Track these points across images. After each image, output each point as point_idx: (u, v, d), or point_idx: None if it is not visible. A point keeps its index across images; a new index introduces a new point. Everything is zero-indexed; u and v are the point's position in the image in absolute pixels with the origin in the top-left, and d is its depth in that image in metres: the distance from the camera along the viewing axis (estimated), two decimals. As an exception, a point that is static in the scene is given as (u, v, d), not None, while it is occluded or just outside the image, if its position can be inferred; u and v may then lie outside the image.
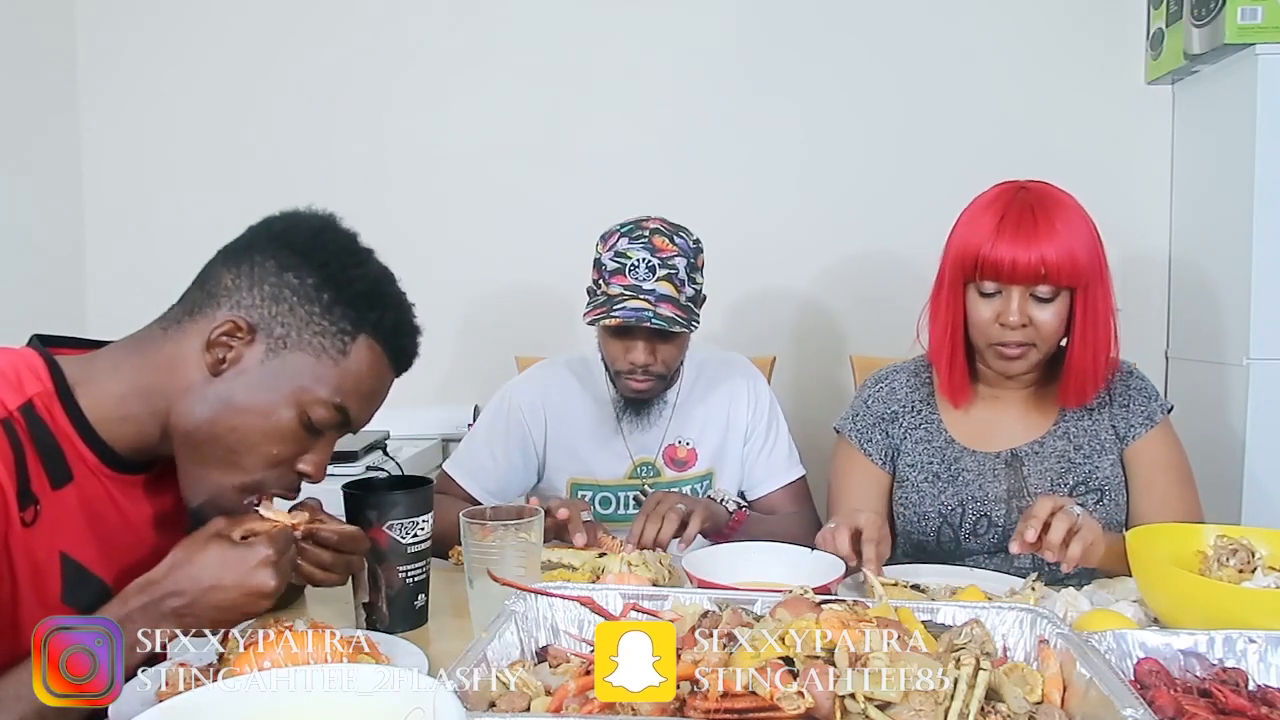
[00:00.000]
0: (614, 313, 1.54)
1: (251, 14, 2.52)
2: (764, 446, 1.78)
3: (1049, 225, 1.37)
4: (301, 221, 1.03)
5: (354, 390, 1.01)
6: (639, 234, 1.59)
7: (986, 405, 1.54)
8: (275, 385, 0.97)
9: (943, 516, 1.50)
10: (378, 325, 1.01)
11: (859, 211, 2.44)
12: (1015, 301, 1.38)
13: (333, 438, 1.04)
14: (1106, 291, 1.43)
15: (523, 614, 0.95)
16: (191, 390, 0.97)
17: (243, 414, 0.97)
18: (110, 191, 2.56)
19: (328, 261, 0.99)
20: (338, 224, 1.05)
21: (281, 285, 0.98)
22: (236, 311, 0.97)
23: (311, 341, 0.98)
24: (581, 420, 1.73)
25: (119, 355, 1.00)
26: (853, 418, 1.61)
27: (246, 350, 0.97)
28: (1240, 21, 2.03)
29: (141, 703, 0.81)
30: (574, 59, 2.48)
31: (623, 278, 1.56)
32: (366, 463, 2.11)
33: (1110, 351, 1.45)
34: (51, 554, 0.94)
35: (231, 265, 1.00)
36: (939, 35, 2.43)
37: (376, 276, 1.04)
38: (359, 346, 1.00)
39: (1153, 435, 1.50)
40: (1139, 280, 2.41)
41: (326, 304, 0.98)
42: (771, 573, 1.28)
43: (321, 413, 0.99)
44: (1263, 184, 2.03)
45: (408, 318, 1.06)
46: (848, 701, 0.75)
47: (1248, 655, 0.90)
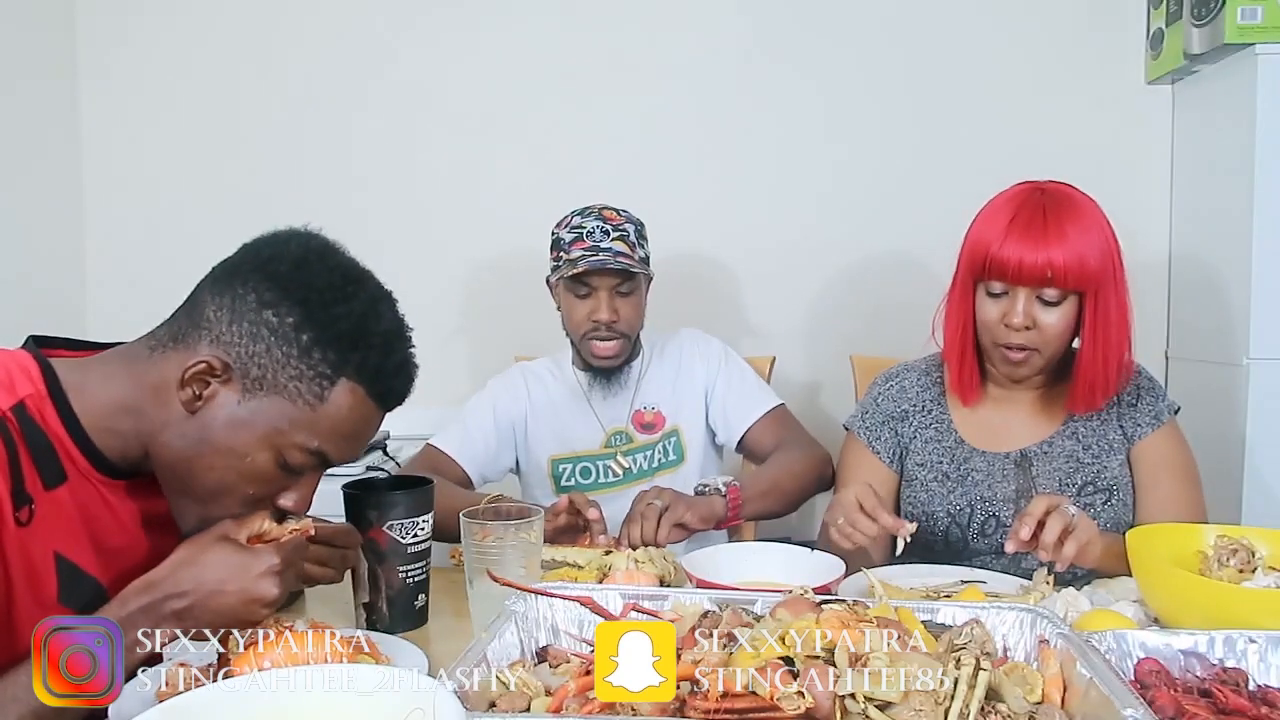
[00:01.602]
0: (577, 264, 1.68)
1: (251, 14, 2.52)
2: (729, 389, 1.85)
3: (1059, 228, 1.36)
4: (287, 250, 0.98)
5: (332, 434, 0.97)
6: (589, 211, 1.75)
7: (996, 406, 1.54)
8: (250, 427, 0.94)
9: (951, 516, 1.50)
10: (360, 368, 0.96)
11: (859, 211, 2.43)
12: (1021, 303, 1.37)
13: (315, 475, 1.02)
14: (1121, 298, 1.42)
15: (523, 614, 0.95)
16: (170, 424, 0.95)
17: (218, 455, 0.95)
18: (110, 192, 2.56)
19: (309, 298, 0.95)
20: (328, 252, 1.00)
21: (260, 324, 0.94)
22: (215, 349, 0.94)
23: (288, 386, 0.94)
24: (557, 403, 1.85)
25: (111, 366, 0.99)
26: (862, 415, 1.61)
27: (223, 389, 0.95)
28: (1240, 21, 2.03)
29: (141, 703, 0.81)
30: (577, 60, 2.48)
31: (581, 243, 1.71)
32: (366, 463, 2.10)
33: (1123, 358, 1.44)
34: (46, 554, 0.93)
35: (216, 295, 0.97)
36: (939, 36, 2.43)
37: (363, 313, 0.98)
38: (339, 390, 0.96)
39: (1159, 435, 1.49)
40: (1139, 280, 2.36)
41: (305, 346, 0.94)
42: (771, 573, 1.29)
43: (298, 456, 0.97)
44: (1263, 184, 2.02)
45: (396, 357, 1.01)
46: (848, 701, 0.75)
47: (1248, 655, 0.90)
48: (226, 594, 0.91)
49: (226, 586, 0.91)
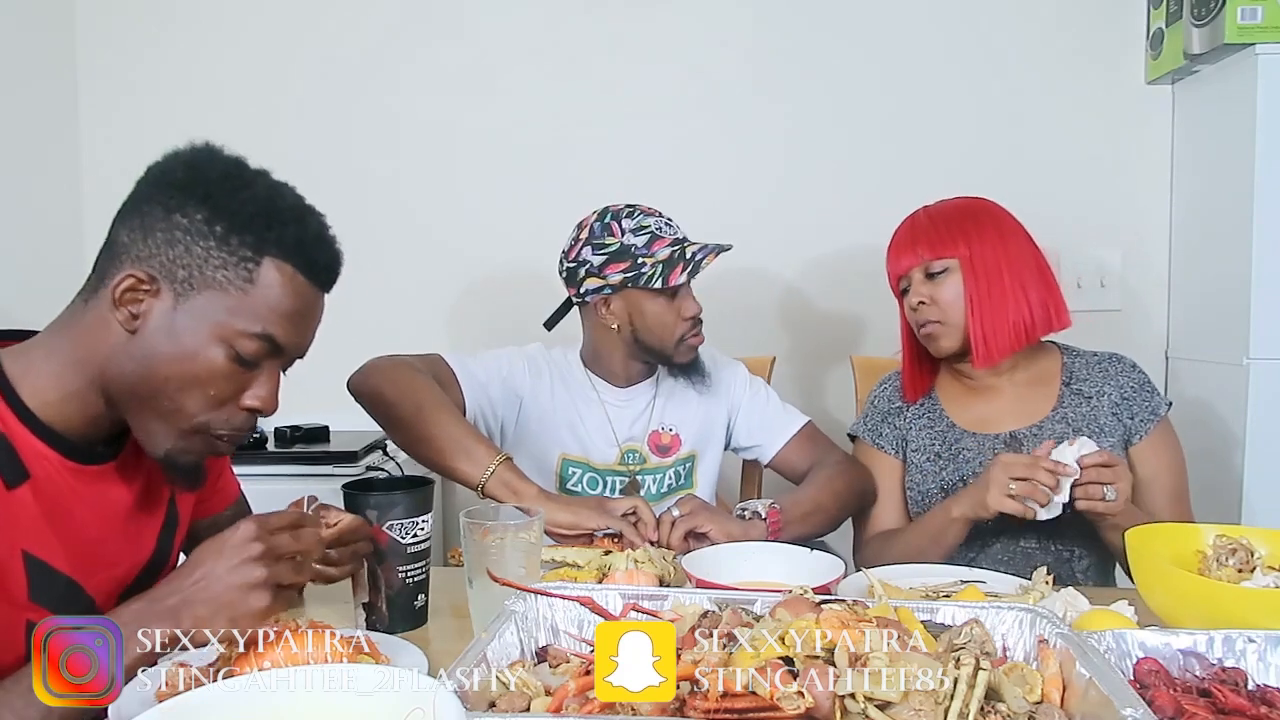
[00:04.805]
0: (695, 260, 1.61)
1: (251, 15, 2.52)
2: (754, 409, 1.81)
3: (926, 217, 1.59)
4: (178, 158, 1.00)
5: (274, 315, 0.98)
6: (628, 211, 1.66)
7: (984, 396, 1.63)
8: (194, 328, 0.95)
9: (945, 492, 1.58)
10: (280, 243, 0.98)
11: (859, 211, 2.43)
12: (914, 284, 1.57)
13: (274, 367, 1.02)
14: (1009, 255, 1.53)
15: (523, 614, 0.95)
16: (117, 351, 0.96)
17: (171, 363, 0.95)
18: (110, 192, 2.53)
19: (210, 192, 0.97)
20: (216, 151, 1.02)
21: (172, 228, 0.96)
22: (136, 265, 0.96)
23: (215, 276, 0.96)
24: (576, 400, 1.75)
25: (50, 338, 1.00)
26: (863, 419, 1.73)
27: (155, 301, 0.96)
28: (1240, 21, 2.03)
29: (141, 703, 0.81)
30: (580, 60, 2.48)
31: (661, 240, 1.64)
32: (366, 463, 2.11)
33: (1021, 316, 1.53)
34: (13, 553, 0.93)
35: (125, 221, 0.98)
36: (940, 36, 2.43)
37: (268, 195, 1.00)
38: (266, 270, 0.97)
39: (1155, 437, 1.55)
40: (1139, 280, 2.41)
41: (221, 235, 0.96)
42: (771, 573, 1.29)
43: (248, 345, 0.97)
44: (1263, 184, 2.02)
45: (312, 228, 1.02)
46: (848, 701, 0.75)
47: (1247, 655, 0.90)
48: (211, 581, 0.91)
49: (211, 574, 0.91)
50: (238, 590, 0.91)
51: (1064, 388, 1.59)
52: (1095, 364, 1.61)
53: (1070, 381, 1.59)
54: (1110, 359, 1.61)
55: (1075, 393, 1.58)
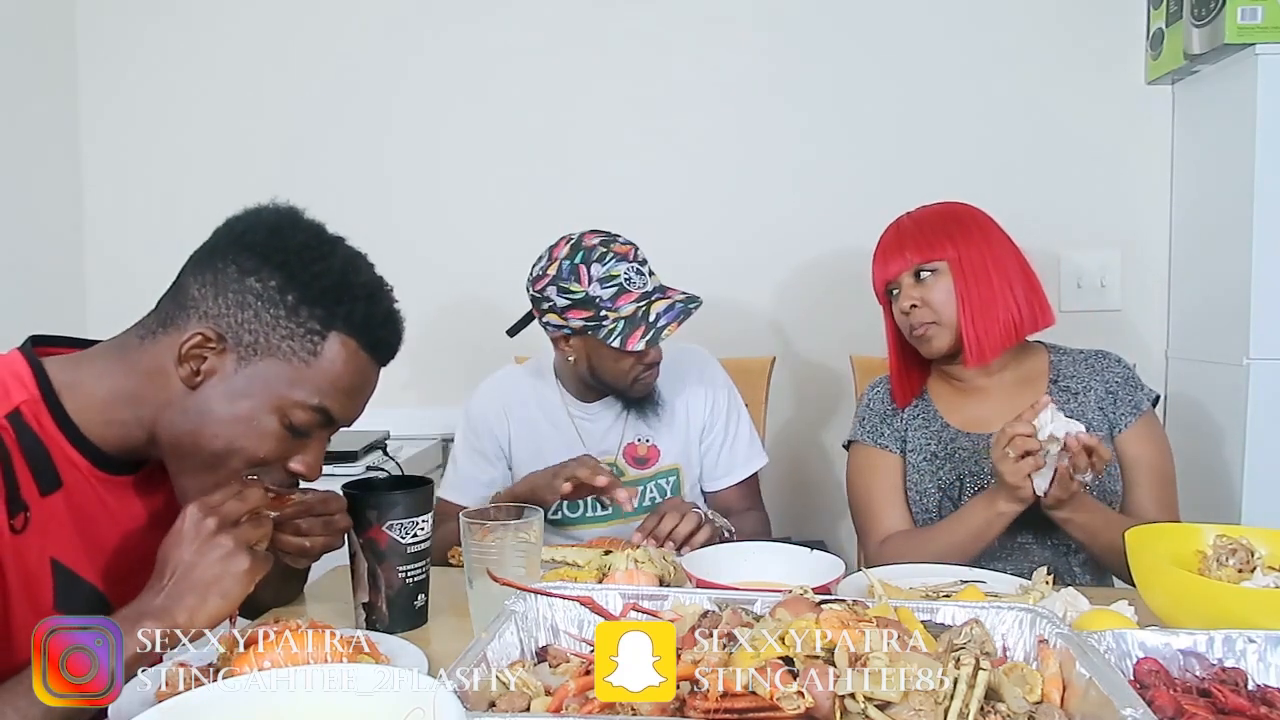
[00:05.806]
0: (656, 326, 1.56)
1: (251, 22, 2.52)
2: (724, 442, 1.80)
3: (912, 223, 1.61)
4: (261, 220, 1.01)
5: (332, 389, 0.99)
6: (599, 253, 1.58)
7: (975, 397, 1.64)
8: (252, 393, 0.96)
9: (942, 490, 1.60)
10: (348, 320, 0.99)
11: (859, 211, 2.41)
12: (904, 288, 1.58)
13: (323, 436, 1.03)
14: (994, 256, 1.57)
15: (523, 614, 0.95)
16: (173, 403, 0.97)
17: (224, 424, 0.96)
18: (110, 193, 2.56)
19: (288, 260, 0.97)
20: (299, 217, 1.02)
21: (245, 291, 0.96)
22: (205, 323, 0.96)
23: (281, 346, 0.97)
24: (542, 423, 1.77)
25: (104, 359, 1.00)
26: (860, 422, 1.71)
27: (219, 360, 0.96)
28: (1240, 21, 2.03)
29: (141, 703, 0.81)
30: (578, 60, 2.48)
31: (628, 295, 1.58)
32: (366, 463, 2.11)
33: (1009, 315, 1.55)
34: (43, 560, 0.94)
35: (198, 274, 0.98)
36: (939, 36, 2.42)
37: (342, 269, 1.01)
38: (331, 344, 0.98)
39: (1139, 427, 1.56)
40: (1139, 280, 2.41)
41: (291, 305, 0.97)
42: (771, 573, 1.29)
43: (302, 415, 0.98)
44: (1263, 184, 2.02)
45: (382, 306, 1.03)
46: (848, 701, 0.75)
47: (1247, 655, 0.90)
48: (185, 570, 0.90)
49: (181, 564, 0.91)
50: (215, 566, 0.91)
51: (1052, 385, 1.61)
52: (1082, 360, 1.63)
53: (1058, 379, 1.61)
54: (1096, 355, 1.63)
55: (1063, 389, 1.59)
